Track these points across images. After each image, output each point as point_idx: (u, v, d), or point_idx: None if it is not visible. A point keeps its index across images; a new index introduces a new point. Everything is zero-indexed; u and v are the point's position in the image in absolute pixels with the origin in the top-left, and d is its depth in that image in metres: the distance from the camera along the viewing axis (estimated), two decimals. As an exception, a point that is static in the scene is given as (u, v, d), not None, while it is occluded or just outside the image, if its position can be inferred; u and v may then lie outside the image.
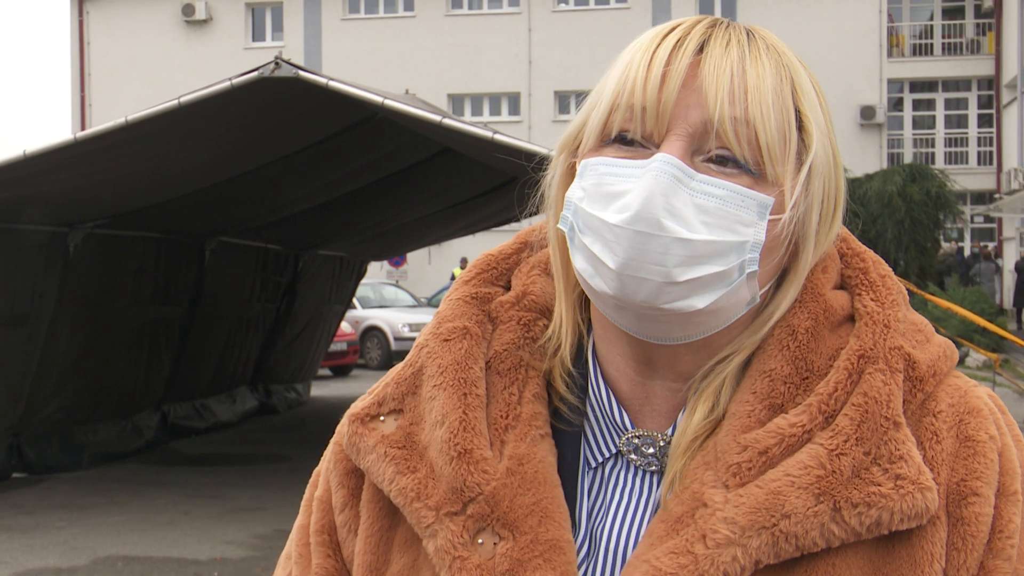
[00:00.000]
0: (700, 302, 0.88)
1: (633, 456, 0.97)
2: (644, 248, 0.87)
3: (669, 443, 0.95)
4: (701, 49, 0.91)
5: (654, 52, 0.91)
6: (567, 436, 0.98)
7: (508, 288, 1.05)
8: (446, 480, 0.94)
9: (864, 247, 1.01)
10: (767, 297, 0.94)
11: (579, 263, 0.92)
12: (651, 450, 0.96)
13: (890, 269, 1.00)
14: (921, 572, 0.88)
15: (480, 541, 0.92)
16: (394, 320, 21.09)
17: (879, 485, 0.87)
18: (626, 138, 0.91)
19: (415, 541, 0.96)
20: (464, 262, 27.05)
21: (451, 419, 0.95)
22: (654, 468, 0.96)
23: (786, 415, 0.90)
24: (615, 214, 0.88)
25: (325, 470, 1.08)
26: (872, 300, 0.95)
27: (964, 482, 0.90)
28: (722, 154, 0.89)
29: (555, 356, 1.00)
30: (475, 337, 1.00)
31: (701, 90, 0.89)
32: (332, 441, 1.06)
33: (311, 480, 1.12)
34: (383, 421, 1.00)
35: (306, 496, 1.11)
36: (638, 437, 0.96)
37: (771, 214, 0.89)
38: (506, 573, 0.90)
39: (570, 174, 0.97)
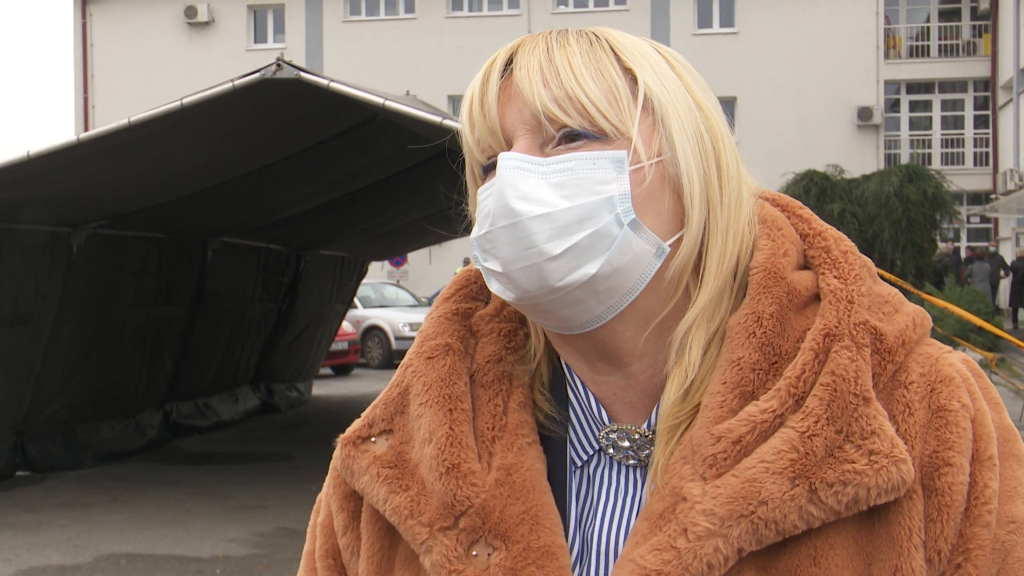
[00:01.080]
0: (592, 267, 0.90)
1: (612, 451, 0.97)
2: (513, 239, 0.90)
3: (644, 436, 0.96)
4: (511, 62, 0.96)
5: (473, 88, 0.97)
6: (554, 442, 0.99)
7: (488, 302, 1.06)
8: (437, 496, 0.94)
9: (826, 225, 1.00)
10: (679, 246, 0.94)
11: (492, 286, 0.95)
12: (626, 443, 0.96)
13: (853, 245, 0.99)
14: (900, 547, 0.87)
15: (475, 553, 0.92)
16: (395, 320, 21.09)
17: (853, 462, 0.86)
18: (490, 165, 0.96)
19: (415, 558, 0.97)
20: (467, 262, 26.99)
21: (438, 435, 0.96)
22: (632, 462, 0.96)
23: (757, 402, 0.89)
24: (483, 226, 0.92)
25: (326, 495, 1.09)
26: (835, 277, 0.94)
27: (936, 453, 0.89)
28: (566, 132, 0.92)
29: (535, 365, 1.02)
30: (457, 353, 1.01)
31: (519, 91, 0.93)
32: (331, 467, 1.07)
33: (315, 507, 1.13)
34: (374, 442, 1.01)
35: (311, 523, 1.12)
36: (614, 431, 0.97)
37: (632, 165, 0.91)
38: None
39: None
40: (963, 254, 27.67)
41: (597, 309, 0.92)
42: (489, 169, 0.96)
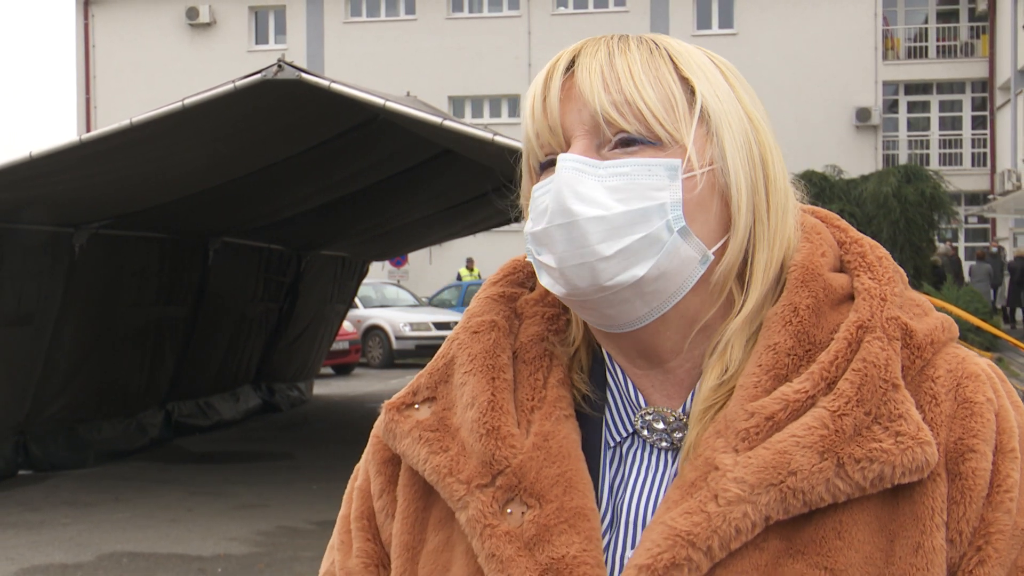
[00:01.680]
0: (640, 270, 0.94)
1: (646, 433, 1.00)
2: (568, 238, 0.94)
3: (679, 419, 0.99)
4: (574, 64, 0.99)
5: (536, 84, 1.00)
6: (590, 421, 1.02)
7: (534, 289, 1.10)
8: (476, 455, 0.98)
9: (861, 234, 1.05)
10: (724, 253, 0.97)
11: (543, 280, 0.99)
12: (660, 425, 1.00)
13: (887, 252, 1.04)
14: (923, 526, 0.91)
15: (509, 511, 0.96)
16: (395, 319, 21.08)
17: (880, 441, 0.90)
18: (548, 161, 0.99)
19: (449, 519, 1.01)
20: (470, 262, 27.02)
21: (480, 400, 1.00)
22: (665, 444, 1.00)
23: (790, 383, 0.94)
24: (540, 223, 0.96)
25: (364, 461, 1.13)
26: (870, 278, 0.99)
27: (961, 440, 0.93)
28: (623, 137, 0.95)
29: (575, 349, 1.06)
30: (502, 329, 1.05)
31: (580, 93, 0.97)
32: (371, 434, 1.12)
33: (352, 475, 1.17)
34: (417, 409, 1.05)
35: (347, 489, 1.16)
36: (650, 414, 1.00)
37: (685, 173, 0.95)
38: (533, 538, 0.94)
39: None
40: (962, 254, 27.61)
41: (642, 310, 0.96)
42: (546, 166, 0.99)
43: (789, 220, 1.01)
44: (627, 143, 0.95)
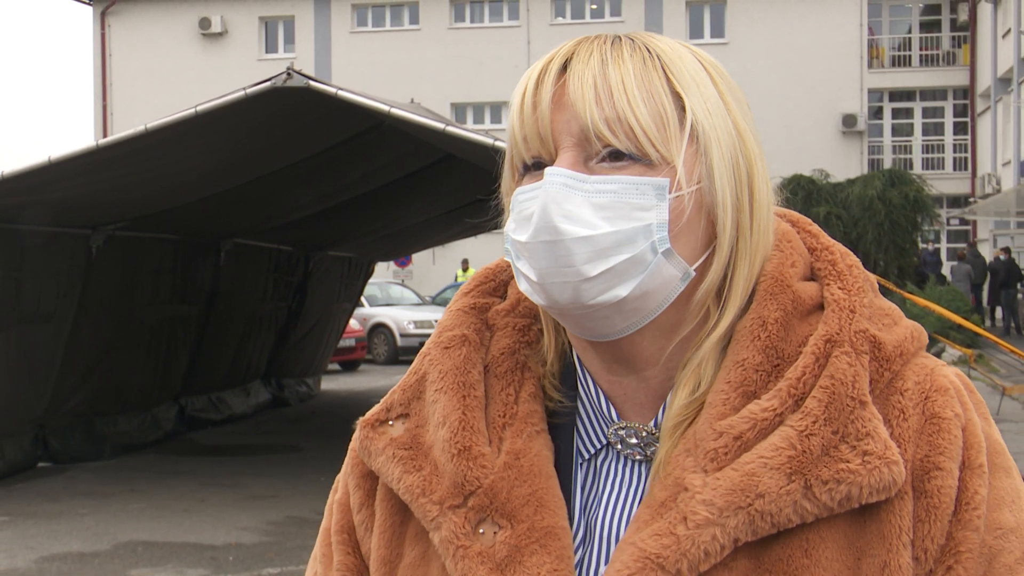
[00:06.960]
0: (623, 290, 0.90)
1: (620, 446, 0.98)
2: (551, 255, 0.90)
3: (651, 433, 0.96)
4: (566, 67, 0.93)
5: (527, 83, 0.95)
6: (561, 433, 0.99)
7: (505, 298, 1.06)
8: (448, 476, 0.95)
9: (832, 241, 1.00)
10: (705, 269, 0.93)
11: (521, 285, 0.95)
12: (634, 440, 0.97)
13: (858, 260, 1.00)
14: (890, 544, 0.88)
15: (481, 531, 0.93)
16: (400, 317, 21.08)
17: (847, 462, 0.87)
18: (533, 164, 0.94)
19: (425, 534, 0.98)
20: (465, 263, 26.99)
21: (451, 419, 0.97)
22: (639, 457, 0.97)
23: (758, 401, 0.90)
24: (524, 233, 0.92)
25: (344, 475, 1.10)
26: (839, 288, 0.95)
27: (928, 457, 0.90)
28: (611, 151, 0.90)
29: (546, 359, 1.02)
30: (473, 344, 1.02)
31: (571, 103, 0.91)
32: (349, 448, 1.09)
33: (333, 487, 1.14)
34: (391, 425, 1.02)
35: (328, 501, 1.13)
36: (623, 428, 0.97)
37: (673, 192, 0.90)
38: (505, 559, 0.91)
39: None
40: (944, 255, 27.56)
41: (621, 324, 0.93)
42: (530, 168, 0.95)
43: (770, 235, 0.97)
44: (616, 156, 0.90)
